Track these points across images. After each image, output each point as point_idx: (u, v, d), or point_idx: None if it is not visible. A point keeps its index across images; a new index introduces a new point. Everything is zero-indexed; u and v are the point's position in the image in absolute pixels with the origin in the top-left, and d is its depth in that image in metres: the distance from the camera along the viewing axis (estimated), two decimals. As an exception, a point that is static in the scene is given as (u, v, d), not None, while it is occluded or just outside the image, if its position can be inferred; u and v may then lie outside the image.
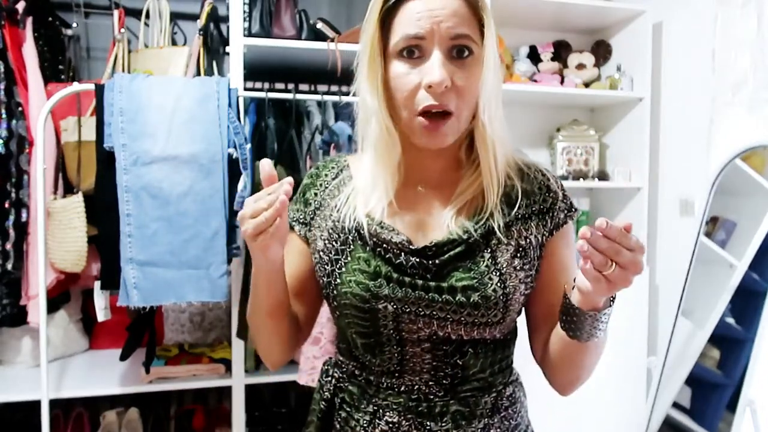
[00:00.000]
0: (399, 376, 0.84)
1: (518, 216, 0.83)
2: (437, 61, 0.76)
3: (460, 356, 0.82)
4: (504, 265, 0.80)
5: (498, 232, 0.81)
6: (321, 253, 0.87)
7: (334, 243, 0.86)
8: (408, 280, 0.80)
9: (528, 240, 0.83)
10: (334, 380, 0.90)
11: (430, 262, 0.81)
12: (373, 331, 0.83)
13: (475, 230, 0.81)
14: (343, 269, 0.84)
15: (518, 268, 0.81)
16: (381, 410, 0.84)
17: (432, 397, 0.83)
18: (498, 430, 0.85)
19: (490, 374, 0.85)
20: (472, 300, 0.79)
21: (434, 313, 0.80)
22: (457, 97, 0.77)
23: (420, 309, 0.80)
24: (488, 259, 0.80)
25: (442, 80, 0.75)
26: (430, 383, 0.83)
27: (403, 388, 0.84)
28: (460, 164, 0.87)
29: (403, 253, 0.81)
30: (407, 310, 0.80)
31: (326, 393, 0.90)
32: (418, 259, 0.81)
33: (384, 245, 0.82)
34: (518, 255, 0.82)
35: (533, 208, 0.85)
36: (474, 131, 0.83)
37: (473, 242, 0.81)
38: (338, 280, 0.83)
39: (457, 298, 0.79)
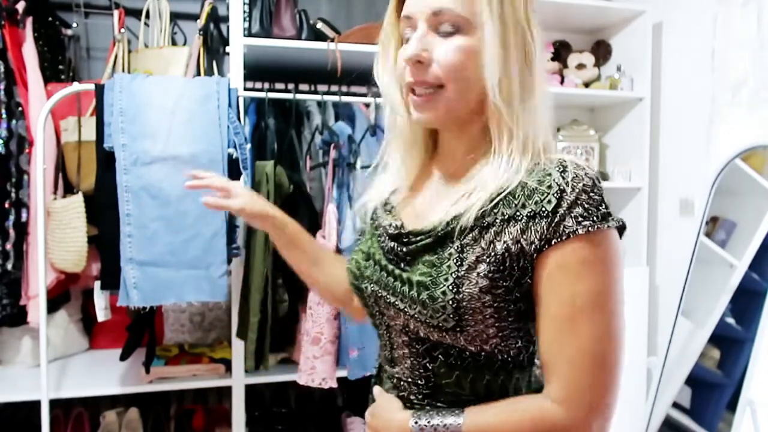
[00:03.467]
0: (392, 364, 0.84)
1: (505, 216, 0.71)
2: (415, 36, 0.75)
3: (430, 360, 0.77)
4: (465, 268, 0.71)
5: (465, 229, 0.73)
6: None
7: (363, 225, 0.94)
8: (385, 264, 0.81)
9: (506, 245, 0.70)
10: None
11: (402, 249, 0.79)
12: (369, 312, 0.87)
13: (447, 224, 0.74)
14: (355, 248, 0.92)
15: (482, 274, 0.70)
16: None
17: (412, 397, 0.80)
18: None
19: (472, 394, 0.76)
20: (420, 297, 0.74)
21: (397, 302, 0.78)
22: (441, 71, 0.74)
23: (389, 296, 0.79)
24: (454, 258, 0.72)
25: (411, 55, 0.74)
26: (410, 380, 0.80)
27: (394, 380, 0.83)
28: (482, 154, 0.79)
29: (387, 238, 0.82)
30: (381, 295, 0.81)
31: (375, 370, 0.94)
32: (394, 244, 0.80)
33: (380, 228, 0.85)
34: (486, 260, 0.70)
35: (528, 210, 0.70)
36: (489, 116, 0.76)
37: (441, 236, 0.75)
38: (350, 257, 0.91)
39: (410, 292, 0.75)
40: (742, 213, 1.96)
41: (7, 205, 1.74)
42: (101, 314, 1.69)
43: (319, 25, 1.99)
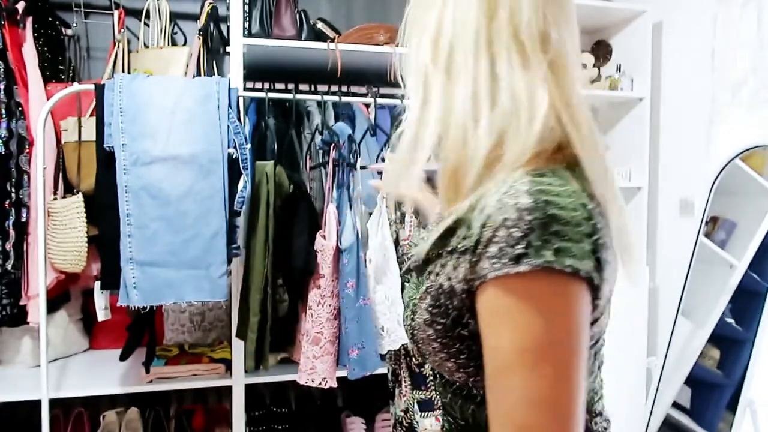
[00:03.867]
0: None
1: (448, 248, 0.64)
2: None
3: (432, 377, 0.76)
4: (419, 297, 0.68)
5: (431, 256, 0.67)
6: None
7: None
8: (405, 277, 0.81)
9: (440, 279, 0.64)
10: None
11: (409, 265, 0.75)
12: None
13: (423, 248, 0.69)
14: None
15: (424, 307, 0.66)
16: None
17: (440, 405, 0.80)
18: None
19: (463, 419, 0.71)
20: (401, 315, 0.78)
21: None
22: None
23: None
24: (423, 284, 0.68)
25: None
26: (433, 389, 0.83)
27: None
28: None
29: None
30: None
31: None
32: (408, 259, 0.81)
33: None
34: (431, 293, 0.66)
35: (464, 243, 0.61)
36: None
37: (424, 259, 0.69)
38: None
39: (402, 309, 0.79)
40: (742, 213, 1.96)
41: (7, 205, 1.74)
42: (101, 314, 1.70)
43: (319, 25, 1.99)
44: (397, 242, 1.75)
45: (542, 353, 0.54)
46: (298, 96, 1.85)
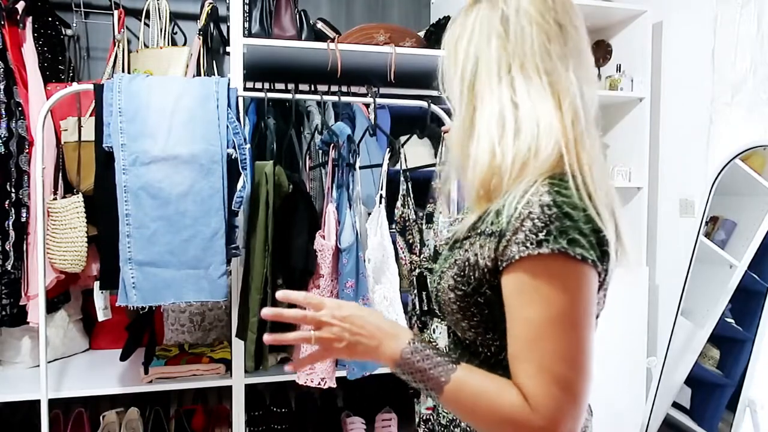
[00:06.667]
0: None
1: (478, 231, 0.79)
2: None
3: (448, 335, 0.92)
4: (446, 267, 0.84)
5: (463, 236, 0.83)
6: None
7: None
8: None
9: (468, 255, 0.79)
10: None
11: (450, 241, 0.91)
12: None
13: (458, 231, 0.85)
14: None
15: (450, 275, 0.81)
16: None
17: None
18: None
19: None
20: (429, 280, 0.94)
21: None
22: None
23: None
24: (451, 258, 0.83)
25: None
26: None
27: None
28: None
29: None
30: None
31: None
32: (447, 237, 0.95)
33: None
34: (457, 264, 0.81)
35: (491, 228, 0.76)
36: None
37: (455, 239, 0.85)
38: None
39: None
40: (742, 213, 1.96)
41: (7, 205, 1.74)
42: (101, 314, 1.70)
43: (319, 25, 1.99)
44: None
45: (565, 322, 0.69)
46: (298, 96, 1.85)
